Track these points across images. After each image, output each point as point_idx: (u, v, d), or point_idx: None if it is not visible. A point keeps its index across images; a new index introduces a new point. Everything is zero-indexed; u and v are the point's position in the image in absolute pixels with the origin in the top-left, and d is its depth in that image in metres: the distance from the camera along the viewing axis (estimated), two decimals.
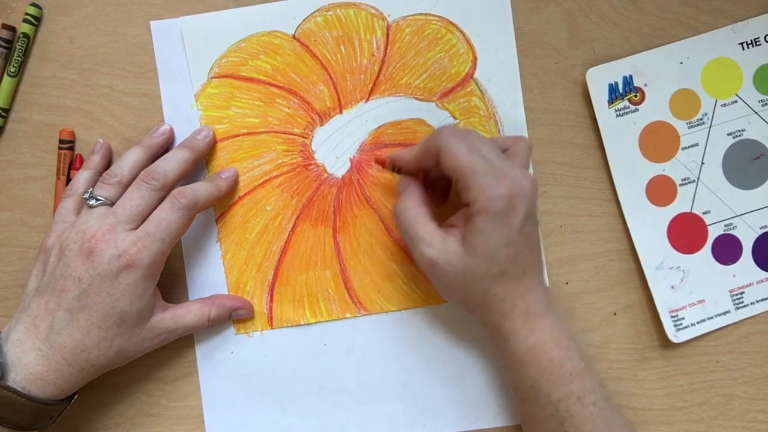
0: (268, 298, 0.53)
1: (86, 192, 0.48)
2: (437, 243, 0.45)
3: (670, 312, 0.52)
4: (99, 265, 0.45)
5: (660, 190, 0.53)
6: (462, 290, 0.46)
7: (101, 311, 0.45)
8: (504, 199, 0.43)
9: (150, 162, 0.49)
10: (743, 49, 0.52)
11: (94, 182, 0.50)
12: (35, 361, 0.44)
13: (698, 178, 0.53)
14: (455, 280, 0.46)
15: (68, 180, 0.52)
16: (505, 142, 0.49)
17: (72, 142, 0.52)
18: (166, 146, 0.52)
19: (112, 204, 0.47)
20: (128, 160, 0.49)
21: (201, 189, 0.49)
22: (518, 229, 0.44)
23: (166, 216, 0.46)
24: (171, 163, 0.49)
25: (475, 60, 0.53)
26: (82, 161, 0.52)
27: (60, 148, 0.52)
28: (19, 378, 0.44)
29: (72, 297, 0.45)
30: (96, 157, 0.51)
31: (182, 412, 0.53)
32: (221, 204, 0.53)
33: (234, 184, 0.52)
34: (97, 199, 0.47)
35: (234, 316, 0.52)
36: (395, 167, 0.49)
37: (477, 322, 0.53)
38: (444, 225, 0.47)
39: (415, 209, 0.47)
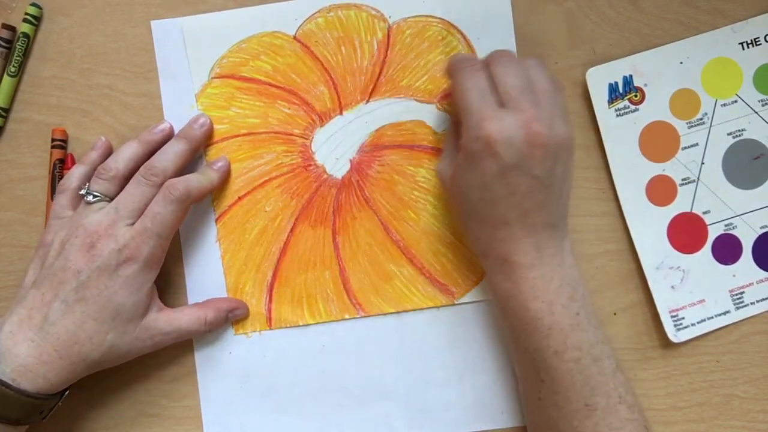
0: (267, 298, 0.53)
1: (81, 187, 0.49)
2: (446, 161, 0.49)
3: (670, 312, 0.52)
4: (99, 259, 0.45)
5: (660, 190, 0.53)
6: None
7: (98, 303, 0.45)
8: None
9: (146, 157, 0.49)
10: (743, 49, 0.53)
11: (88, 178, 0.49)
12: (26, 352, 0.44)
13: (698, 178, 0.53)
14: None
15: (53, 178, 0.52)
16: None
17: (63, 141, 0.52)
18: (164, 143, 0.51)
19: (110, 199, 0.47)
20: (124, 155, 0.49)
21: (193, 181, 0.49)
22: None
23: (160, 210, 0.47)
24: (169, 157, 0.49)
25: None
26: (74, 161, 0.52)
27: (52, 146, 0.52)
28: (9, 369, 0.43)
29: (70, 289, 0.45)
30: (94, 154, 0.51)
31: (181, 413, 0.52)
32: (221, 204, 0.53)
33: (226, 174, 0.52)
34: (95, 195, 0.47)
35: (231, 317, 0.52)
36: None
37: (477, 323, 0.53)
38: None
39: (453, 126, 0.51)
